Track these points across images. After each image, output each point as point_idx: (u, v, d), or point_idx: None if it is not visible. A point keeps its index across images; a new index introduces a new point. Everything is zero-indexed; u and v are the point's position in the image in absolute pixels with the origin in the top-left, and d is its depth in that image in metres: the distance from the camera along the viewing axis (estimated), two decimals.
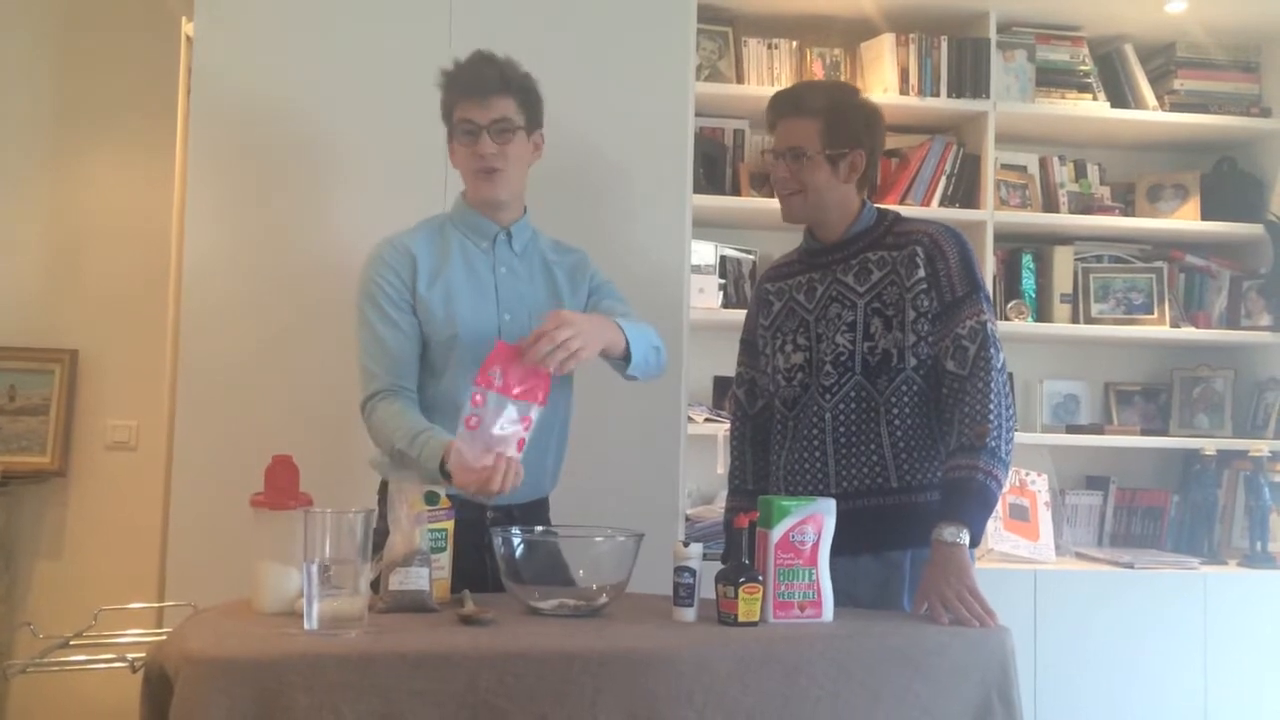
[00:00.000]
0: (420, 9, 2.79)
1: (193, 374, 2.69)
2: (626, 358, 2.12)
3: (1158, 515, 3.60)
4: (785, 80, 3.37)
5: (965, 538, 1.96)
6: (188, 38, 3.06)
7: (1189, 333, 3.57)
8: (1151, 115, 3.56)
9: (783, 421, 2.27)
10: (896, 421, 2.14)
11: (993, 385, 2.06)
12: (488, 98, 2.17)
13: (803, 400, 2.22)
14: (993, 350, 2.09)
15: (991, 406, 2.04)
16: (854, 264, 2.21)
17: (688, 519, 3.00)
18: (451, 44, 2.79)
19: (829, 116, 2.18)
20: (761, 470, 2.36)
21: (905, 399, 2.14)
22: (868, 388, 2.15)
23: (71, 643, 1.90)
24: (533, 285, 2.26)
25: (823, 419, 2.18)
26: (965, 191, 3.44)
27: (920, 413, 2.14)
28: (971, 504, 1.99)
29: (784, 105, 2.23)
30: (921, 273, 2.14)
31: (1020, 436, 3.42)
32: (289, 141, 2.74)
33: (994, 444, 2.01)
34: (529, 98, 2.22)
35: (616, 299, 2.32)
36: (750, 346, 2.40)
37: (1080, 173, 3.66)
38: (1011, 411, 2.11)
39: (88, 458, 3.46)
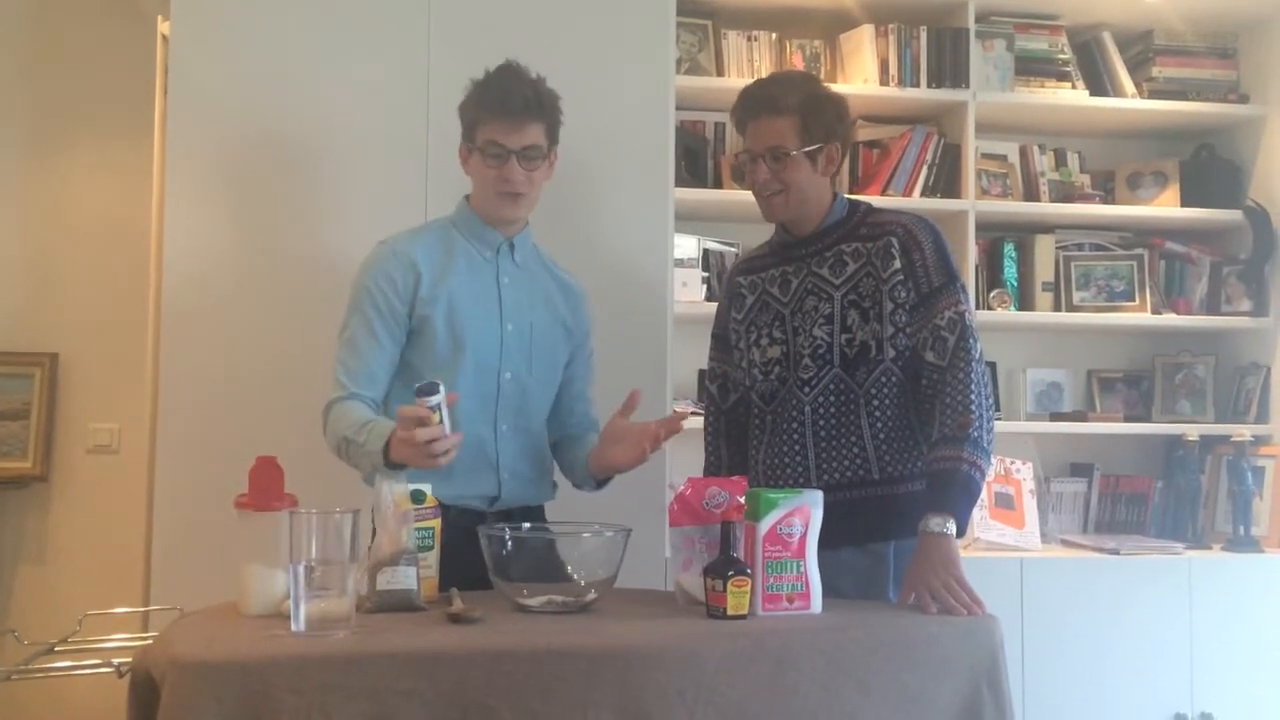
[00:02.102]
0: (398, 8, 2.78)
1: (174, 375, 2.68)
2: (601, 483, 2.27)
3: (1142, 501, 3.61)
4: (765, 73, 3.37)
5: (951, 528, 1.97)
6: (163, 37, 3.04)
7: (1170, 319, 3.59)
8: (1130, 103, 3.57)
9: (760, 416, 2.27)
10: (877, 413, 2.14)
11: (973, 376, 2.07)
12: (521, 123, 2.14)
13: (780, 394, 2.22)
14: (971, 341, 2.10)
15: (973, 397, 2.05)
16: (829, 256, 2.21)
17: None
18: (429, 39, 2.78)
19: (804, 112, 2.16)
20: (737, 465, 2.36)
21: (885, 390, 2.14)
22: (846, 380, 2.16)
23: (56, 649, 1.89)
24: (532, 298, 2.26)
25: (802, 412, 2.18)
26: (946, 181, 3.45)
27: (900, 404, 2.15)
28: (957, 494, 2.00)
29: (757, 105, 2.19)
30: (897, 264, 2.14)
31: (1004, 425, 3.44)
32: (267, 141, 2.73)
33: (976, 434, 2.02)
34: (556, 119, 2.20)
35: (587, 376, 2.38)
36: (722, 341, 2.39)
37: (1060, 161, 3.67)
38: (991, 401, 2.12)
39: (70, 462, 3.44)
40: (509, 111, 2.14)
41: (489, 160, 2.15)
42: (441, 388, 1.91)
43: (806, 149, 2.16)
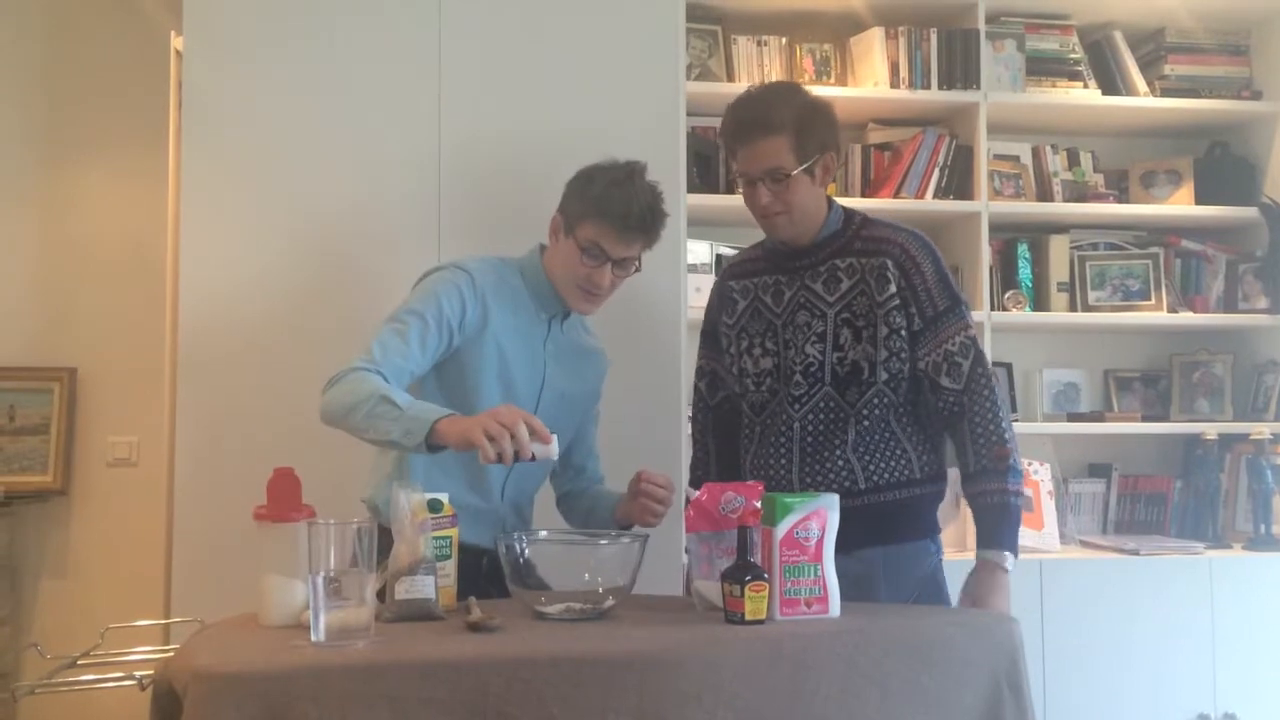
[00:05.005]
0: (409, 16, 2.79)
1: (192, 388, 2.69)
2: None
3: (1161, 501, 3.59)
4: (776, 77, 3.37)
5: (1010, 563, 2.09)
6: (177, 52, 3.05)
7: (1187, 318, 3.57)
8: (1143, 101, 3.56)
9: (750, 425, 2.29)
10: (865, 425, 2.16)
11: (997, 401, 2.15)
12: (634, 238, 2.13)
13: (771, 406, 2.23)
14: (987, 364, 2.17)
15: (1003, 424, 2.13)
16: (822, 271, 2.21)
17: None
18: (441, 52, 2.79)
19: (798, 128, 2.13)
20: (725, 460, 2.37)
21: (875, 411, 2.17)
22: (837, 399, 2.17)
23: (79, 662, 1.90)
24: (569, 368, 2.24)
25: (791, 428, 2.20)
26: (959, 183, 3.44)
27: (884, 418, 2.17)
28: (1012, 528, 2.11)
29: (748, 126, 2.15)
30: (893, 288, 2.15)
31: (1021, 426, 3.42)
32: (282, 155, 2.74)
33: (1014, 462, 2.12)
34: (659, 236, 2.21)
35: (595, 431, 2.37)
36: (711, 339, 2.40)
37: (1073, 161, 3.66)
38: (1009, 418, 2.20)
39: (89, 475, 3.46)
40: (627, 226, 2.11)
41: (586, 259, 2.12)
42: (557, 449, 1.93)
43: (803, 164, 2.14)
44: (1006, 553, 2.10)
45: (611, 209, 2.10)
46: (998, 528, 2.11)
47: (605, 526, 2.25)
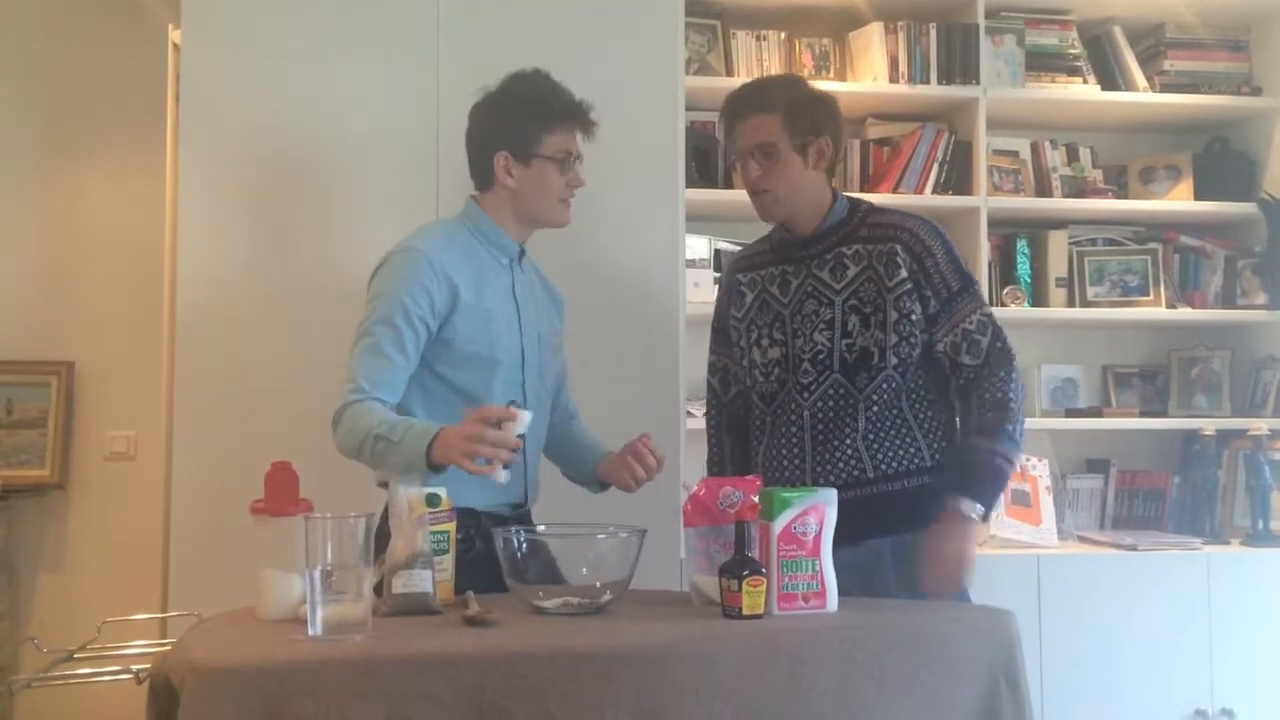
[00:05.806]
0: (407, 10, 2.78)
1: (190, 382, 2.69)
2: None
3: (1159, 496, 3.60)
4: (775, 72, 3.37)
5: (978, 512, 2.06)
6: (174, 45, 3.05)
7: (1185, 313, 3.57)
8: (1142, 97, 3.55)
9: (760, 416, 2.29)
10: (875, 410, 2.17)
11: (1014, 375, 2.15)
12: (580, 129, 2.17)
13: (780, 396, 2.24)
14: (1006, 340, 2.18)
15: (1012, 394, 2.13)
16: (829, 259, 2.22)
17: None
18: (439, 46, 2.79)
19: (788, 108, 2.18)
20: (740, 456, 2.37)
21: (884, 396, 2.16)
22: (846, 385, 2.17)
23: (76, 656, 1.90)
24: (537, 307, 2.25)
25: (801, 416, 2.20)
26: (958, 178, 3.44)
27: (895, 403, 2.17)
28: (986, 481, 2.09)
29: (742, 105, 2.22)
30: (904, 273, 2.15)
31: None
32: (279, 147, 2.74)
33: (1011, 429, 2.11)
34: None
35: (566, 366, 2.36)
36: (722, 335, 2.41)
37: (1072, 156, 3.66)
38: (1023, 402, 2.19)
39: (87, 470, 3.46)
40: (581, 120, 2.16)
41: (563, 169, 2.15)
42: (530, 412, 1.93)
43: (794, 143, 2.17)
44: (978, 505, 2.08)
45: (560, 109, 2.15)
46: (977, 480, 2.10)
47: (584, 476, 2.28)
